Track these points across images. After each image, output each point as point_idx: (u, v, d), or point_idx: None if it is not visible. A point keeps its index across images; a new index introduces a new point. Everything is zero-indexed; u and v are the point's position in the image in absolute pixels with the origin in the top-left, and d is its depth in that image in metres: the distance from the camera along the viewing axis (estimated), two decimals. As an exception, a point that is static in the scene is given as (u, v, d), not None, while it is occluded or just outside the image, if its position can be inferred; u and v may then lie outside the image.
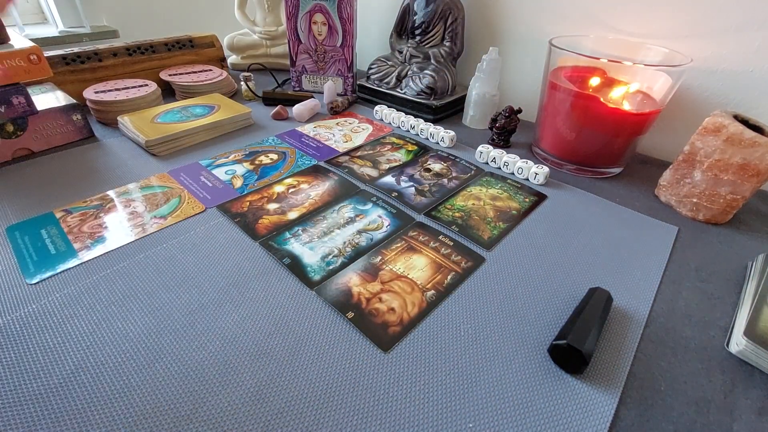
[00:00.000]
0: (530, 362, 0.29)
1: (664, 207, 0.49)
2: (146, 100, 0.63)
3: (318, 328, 0.31)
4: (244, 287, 0.34)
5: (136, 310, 0.31)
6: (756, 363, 0.30)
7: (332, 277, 0.35)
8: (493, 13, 0.72)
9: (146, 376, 0.27)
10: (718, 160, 0.43)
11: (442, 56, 0.70)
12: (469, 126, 0.68)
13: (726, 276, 0.39)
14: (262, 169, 0.51)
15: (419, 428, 0.25)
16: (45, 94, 0.56)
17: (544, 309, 0.34)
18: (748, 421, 0.26)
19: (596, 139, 0.52)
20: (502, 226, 0.43)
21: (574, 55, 0.49)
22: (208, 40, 0.79)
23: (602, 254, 0.40)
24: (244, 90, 0.72)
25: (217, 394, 0.26)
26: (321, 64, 0.75)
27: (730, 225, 0.46)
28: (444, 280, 0.36)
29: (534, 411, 0.26)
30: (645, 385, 0.28)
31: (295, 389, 0.27)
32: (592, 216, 0.46)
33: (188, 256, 0.37)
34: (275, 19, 0.87)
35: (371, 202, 0.46)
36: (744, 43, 0.51)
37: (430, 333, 0.31)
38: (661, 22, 0.56)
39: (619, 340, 0.31)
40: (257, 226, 0.41)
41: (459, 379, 0.28)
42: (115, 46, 0.68)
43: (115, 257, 0.37)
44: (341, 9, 0.69)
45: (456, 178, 0.52)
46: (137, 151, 0.54)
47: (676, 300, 0.36)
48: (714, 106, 0.56)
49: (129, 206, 0.43)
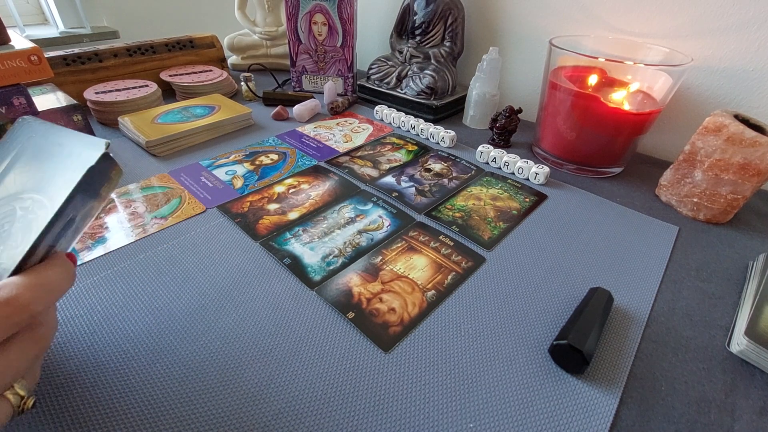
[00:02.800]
0: (531, 362, 0.29)
1: (665, 207, 0.49)
2: (147, 100, 0.63)
3: (318, 328, 0.31)
4: (245, 287, 0.34)
5: (136, 311, 0.31)
6: (757, 363, 0.30)
7: (333, 278, 0.35)
8: (493, 13, 0.72)
9: (147, 376, 0.27)
10: (719, 159, 0.43)
11: (443, 56, 0.70)
12: (470, 126, 0.68)
13: (727, 276, 0.39)
14: (263, 170, 0.51)
15: (420, 428, 0.25)
16: (45, 94, 0.56)
17: (545, 309, 0.34)
18: (749, 421, 0.26)
19: (596, 138, 0.52)
20: (503, 226, 0.43)
21: (575, 55, 0.49)
22: (209, 41, 0.79)
23: (603, 254, 0.40)
24: (245, 90, 0.72)
25: (217, 394, 0.26)
26: (321, 64, 0.75)
27: (730, 225, 0.46)
28: (444, 280, 0.36)
29: (535, 411, 0.26)
30: (646, 385, 0.28)
31: (296, 389, 0.27)
32: (592, 216, 0.46)
33: (189, 256, 0.37)
34: (275, 19, 0.87)
35: (371, 203, 0.46)
36: (745, 43, 0.51)
37: (430, 333, 0.31)
38: (662, 22, 0.56)
39: (620, 340, 0.31)
40: (258, 227, 0.41)
41: (460, 379, 0.28)
42: (115, 47, 0.68)
43: (116, 258, 0.37)
44: (341, 9, 0.69)
45: (456, 178, 0.52)
46: (137, 152, 0.54)
47: (676, 300, 0.35)
48: (714, 105, 0.56)
49: (129, 207, 0.43)
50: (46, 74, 0.46)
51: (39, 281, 0.19)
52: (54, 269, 0.20)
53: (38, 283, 0.19)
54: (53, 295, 0.19)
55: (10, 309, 0.17)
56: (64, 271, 0.20)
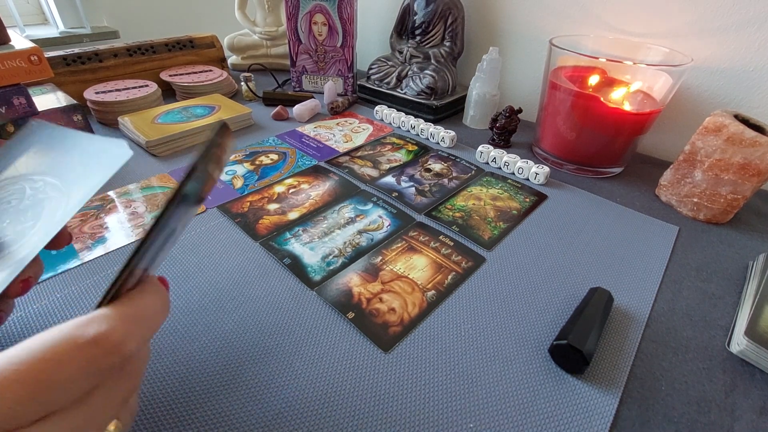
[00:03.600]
0: (531, 362, 0.29)
1: (665, 207, 0.49)
2: (147, 100, 0.63)
3: (318, 328, 0.31)
4: (245, 287, 0.34)
5: (136, 311, 0.31)
6: (757, 363, 0.30)
7: (333, 278, 0.35)
8: (493, 13, 0.72)
9: (147, 376, 0.27)
10: (719, 159, 0.43)
11: (443, 56, 0.70)
12: (470, 126, 0.68)
13: (727, 276, 0.39)
14: (263, 170, 0.51)
15: (420, 428, 0.25)
16: (45, 94, 0.56)
17: (545, 309, 0.34)
18: (749, 421, 0.26)
19: (597, 138, 0.52)
20: (503, 226, 0.43)
21: (575, 55, 0.49)
22: (209, 41, 0.79)
23: (603, 254, 0.40)
24: (245, 90, 0.72)
25: (217, 394, 0.26)
26: (321, 64, 0.75)
27: (730, 225, 0.46)
28: (444, 280, 0.36)
29: (535, 411, 0.26)
30: (646, 385, 0.28)
31: (296, 389, 0.27)
32: (592, 216, 0.46)
33: (189, 256, 0.37)
34: (275, 19, 0.87)
35: (371, 203, 0.46)
36: (745, 43, 0.51)
37: (430, 333, 0.31)
38: (662, 22, 0.56)
39: (620, 340, 0.31)
40: (258, 227, 0.41)
41: (460, 379, 0.28)
42: (115, 47, 0.68)
43: (116, 258, 0.37)
44: (341, 9, 0.69)
45: (456, 178, 0.52)
46: (138, 152, 0.54)
47: (676, 300, 0.35)
48: (714, 105, 0.56)
49: (129, 207, 0.43)
50: (46, 74, 0.46)
51: (134, 313, 0.15)
52: (150, 297, 0.16)
53: (133, 315, 0.15)
54: (150, 331, 0.16)
55: (100, 350, 0.13)
56: (159, 299, 0.16)
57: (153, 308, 0.16)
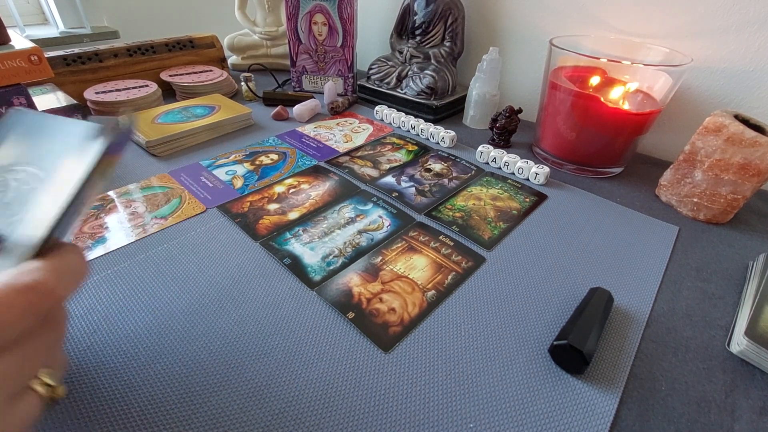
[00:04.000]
0: (531, 362, 0.29)
1: (665, 207, 0.49)
2: (147, 100, 0.63)
3: (318, 328, 0.31)
4: (245, 287, 0.34)
5: (136, 311, 0.31)
6: (757, 363, 0.30)
7: (333, 278, 0.35)
8: (493, 13, 0.72)
9: (147, 376, 0.27)
10: (719, 159, 0.43)
11: (443, 56, 0.70)
12: (470, 126, 0.68)
13: (727, 276, 0.39)
14: (263, 170, 0.51)
15: (420, 428, 0.25)
16: (46, 94, 0.56)
17: (545, 309, 0.34)
18: (749, 421, 0.26)
19: (596, 138, 0.52)
20: (503, 226, 0.43)
21: (575, 55, 0.49)
22: (209, 41, 0.79)
23: (603, 254, 0.40)
24: (245, 90, 0.72)
25: (217, 394, 0.26)
26: (321, 64, 0.75)
27: (730, 225, 0.46)
28: (444, 280, 0.36)
29: (535, 411, 0.26)
30: (646, 385, 0.28)
31: (296, 390, 0.27)
32: (592, 216, 0.46)
33: (189, 256, 0.37)
34: (275, 19, 0.87)
35: (372, 203, 0.46)
36: (745, 43, 0.51)
37: (430, 333, 0.31)
38: (662, 22, 0.56)
39: (620, 340, 0.31)
40: (258, 227, 0.41)
41: (460, 379, 0.28)
42: (115, 47, 0.68)
43: (116, 258, 0.37)
44: (341, 9, 0.69)
45: (456, 178, 0.52)
46: (138, 152, 0.54)
47: (676, 300, 0.36)
48: (714, 105, 0.56)
49: (129, 207, 0.43)
50: (47, 74, 0.46)
51: (61, 266, 0.17)
52: (71, 255, 0.18)
53: (61, 267, 0.17)
54: (78, 280, 0.18)
55: (36, 295, 0.15)
56: (80, 257, 0.19)
57: (76, 263, 0.18)
